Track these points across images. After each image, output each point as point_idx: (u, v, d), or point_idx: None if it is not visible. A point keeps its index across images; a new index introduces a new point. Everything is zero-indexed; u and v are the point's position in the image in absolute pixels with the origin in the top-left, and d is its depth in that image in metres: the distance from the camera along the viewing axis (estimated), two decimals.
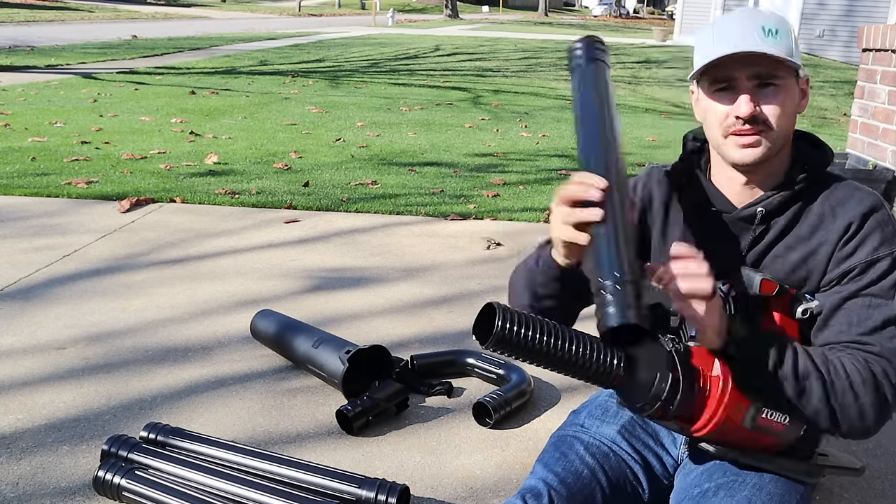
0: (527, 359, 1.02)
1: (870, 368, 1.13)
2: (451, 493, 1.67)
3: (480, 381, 2.17)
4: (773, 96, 1.15)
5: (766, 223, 1.23)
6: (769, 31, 1.14)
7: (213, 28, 20.98)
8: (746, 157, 1.17)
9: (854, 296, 1.17)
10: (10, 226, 3.45)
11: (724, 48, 1.13)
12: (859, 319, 1.16)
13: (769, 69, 1.14)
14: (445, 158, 5.30)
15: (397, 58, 13.12)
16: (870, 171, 3.42)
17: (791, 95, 1.18)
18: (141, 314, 2.55)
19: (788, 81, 1.17)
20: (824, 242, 1.19)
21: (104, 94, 7.68)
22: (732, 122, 1.17)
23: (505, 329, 0.99)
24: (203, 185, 4.27)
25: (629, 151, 5.84)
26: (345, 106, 7.64)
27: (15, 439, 1.81)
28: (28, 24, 19.68)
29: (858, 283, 1.17)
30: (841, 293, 1.18)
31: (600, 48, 1.16)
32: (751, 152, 1.17)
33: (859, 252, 1.17)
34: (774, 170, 1.22)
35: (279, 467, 1.59)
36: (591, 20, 39.07)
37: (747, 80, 1.15)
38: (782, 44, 1.14)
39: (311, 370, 2.12)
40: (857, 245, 1.17)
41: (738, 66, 1.14)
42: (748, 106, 1.14)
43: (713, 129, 1.21)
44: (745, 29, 1.14)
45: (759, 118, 1.15)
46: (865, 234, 1.18)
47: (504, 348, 1.00)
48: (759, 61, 1.13)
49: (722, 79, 1.17)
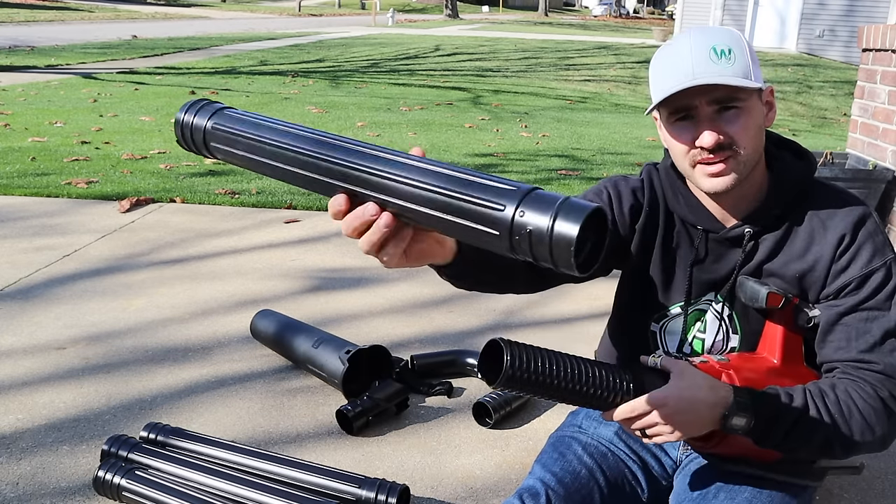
0: (536, 394, 1.00)
1: (878, 395, 1.11)
2: (451, 493, 1.67)
3: (480, 381, 2.17)
4: (735, 120, 1.11)
5: (754, 240, 1.20)
6: (721, 52, 1.09)
7: (213, 28, 20.98)
8: (717, 185, 1.13)
9: (851, 311, 1.15)
10: (10, 226, 3.45)
11: (676, 79, 1.09)
12: (858, 334, 1.14)
13: (728, 93, 1.09)
14: (445, 158, 5.30)
15: (397, 58, 13.12)
16: (870, 171, 3.42)
17: (754, 114, 1.13)
18: (141, 314, 2.55)
19: (750, 101, 1.12)
20: (820, 258, 1.16)
21: (104, 94, 7.67)
22: (697, 153, 1.12)
23: (514, 367, 0.97)
24: (203, 185, 4.27)
25: (629, 151, 5.84)
26: (345, 106, 7.64)
27: (15, 439, 1.81)
28: (28, 24, 19.68)
29: (855, 298, 1.15)
30: (838, 308, 1.16)
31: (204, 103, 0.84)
32: (721, 181, 1.13)
33: (854, 265, 1.15)
34: (754, 183, 1.18)
35: (279, 467, 1.59)
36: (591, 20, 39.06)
37: (707, 107, 1.10)
38: (737, 64, 1.09)
39: (311, 370, 2.12)
40: (852, 258, 1.15)
41: (695, 94, 1.10)
42: (711, 136, 1.10)
43: (679, 159, 1.17)
44: (695, 54, 1.09)
45: (724, 144, 1.11)
46: (859, 245, 1.15)
47: (514, 386, 0.98)
48: (717, 87, 1.08)
49: (680, 108, 1.12)
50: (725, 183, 1.12)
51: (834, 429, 1.09)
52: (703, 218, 1.21)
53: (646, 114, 1.20)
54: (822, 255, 1.16)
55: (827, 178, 3.37)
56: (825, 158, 3.76)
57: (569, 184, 4.68)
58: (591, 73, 11.67)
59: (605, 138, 6.43)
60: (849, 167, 3.67)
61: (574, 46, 15.93)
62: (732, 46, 1.09)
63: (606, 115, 7.98)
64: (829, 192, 1.20)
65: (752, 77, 1.09)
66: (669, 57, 1.13)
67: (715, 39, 1.10)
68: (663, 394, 1.04)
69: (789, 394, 1.10)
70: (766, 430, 1.08)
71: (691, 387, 1.05)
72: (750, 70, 1.10)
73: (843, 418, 1.10)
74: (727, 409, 1.05)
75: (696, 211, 1.22)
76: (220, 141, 0.78)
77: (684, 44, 1.11)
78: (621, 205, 1.26)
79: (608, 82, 10.79)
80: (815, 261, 1.16)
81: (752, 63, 1.11)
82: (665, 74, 1.12)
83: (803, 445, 1.11)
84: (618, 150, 5.88)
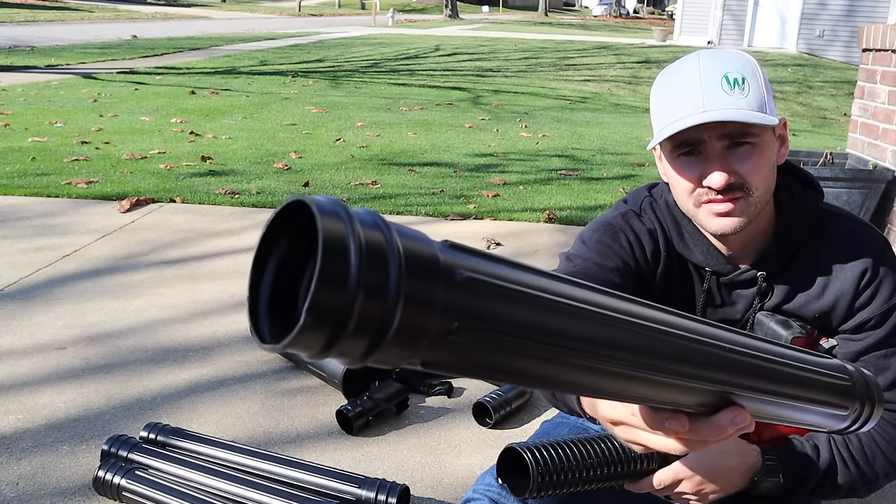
0: (569, 489, 0.95)
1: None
2: (451, 493, 1.67)
3: (480, 381, 2.17)
4: (747, 157, 0.99)
5: (767, 281, 1.13)
6: (735, 81, 0.97)
7: (213, 28, 20.98)
8: (725, 227, 1.02)
9: (871, 349, 1.10)
10: (10, 226, 3.45)
11: (684, 111, 0.97)
12: (876, 370, 1.10)
13: (741, 128, 0.98)
14: (445, 158, 5.30)
15: (397, 58, 13.12)
16: (870, 171, 3.42)
17: (768, 152, 1.01)
18: (141, 314, 2.55)
19: (764, 137, 1.00)
20: (841, 296, 1.09)
21: (104, 94, 7.67)
22: (704, 192, 1.01)
23: (541, 472, 0.91)
24: (203, 185, 4.27)
25: (629, 151, 5.84)
26: (345, 106, 7.64)
27: (15, 439, 1.81)
28: (28, 24, 19.68)
29: (875, 335, 1.09)
30: (856, 346, 1.11)
31: None
32: (729, 222, 1.02)
33: (875, 302, 1.08)
34: (762, 220, 1.08)
35: (279, 467, 1.59)
36: (591, 20, 39.06)
37: (717, 142, 0.99)
38: (752, 95, 0.97)
39: (311, 370, 2.12)
40: (873, 294, 1.08)
41: (704, 128, 0.98)
42: (721, 177, 0.98)
43: (682, 198, 1.05)
44: (705, 83, 0.98)
45: (734, 185, 1.00)
46: (880, 280, 1.08)
47: (545, 491, 0.93)
48: (729, 120, 0.96)
49: (687, 142, 1.00)
50: (734, 224, 1.02)
51: (860, 475, 1.08)
52: (711, 260, 1.12)
53: (647, 148, 1.08)
54: (843, 291, 1.09)
55: (827, 177, 3.37)
56: (825, 158, 3.76)
57: (569, 184, 4.68)
58: (591, 73, 11.67)
59: (605, 138, 6.43)
60: (849, 167, 3.67)
61: (574, 46, 15.93)
62: (746, 75, 0.98)
63: (606, 115, 7.98)
64: (842, 223, 1.12)
65: (768, 110, 0.98)
66: (676, 85, 1.01)
67: (727, 66, 0.99)
68: (692, 464, 0.98)
69: (815, 446, 1.08)
70: (795, 488, 1.07)
71: (721, 455, 1.01)
72: (765, 102, 0.99)
73: (867, 463, 1.08)
74: (757, 473, 1.03)
75: (706, 252, 1.12)
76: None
77: (692, 70, 1.00)
78: (644, 251, 1.14)
79: (608, 82, 10.79)
80: (837, 298, 1.09)
81: (767, 93, 1.00)
82: (671, 104, 1.01)
83: (829, 495, 1.10)
84: (618, 150, 5.88)
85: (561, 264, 1.14)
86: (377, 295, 0.32)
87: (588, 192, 4.48)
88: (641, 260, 1.12)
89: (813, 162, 3.74)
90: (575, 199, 4.28)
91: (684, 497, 1.01)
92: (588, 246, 1.12)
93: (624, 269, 1.10)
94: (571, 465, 0.93)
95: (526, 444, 0.95)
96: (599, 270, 1.08)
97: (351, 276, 0.31)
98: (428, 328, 0.34)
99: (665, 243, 1.14)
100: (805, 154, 3.80)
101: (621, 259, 1.10)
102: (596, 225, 1.16)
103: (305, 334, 0.31)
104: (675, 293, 1.16)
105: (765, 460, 1.03)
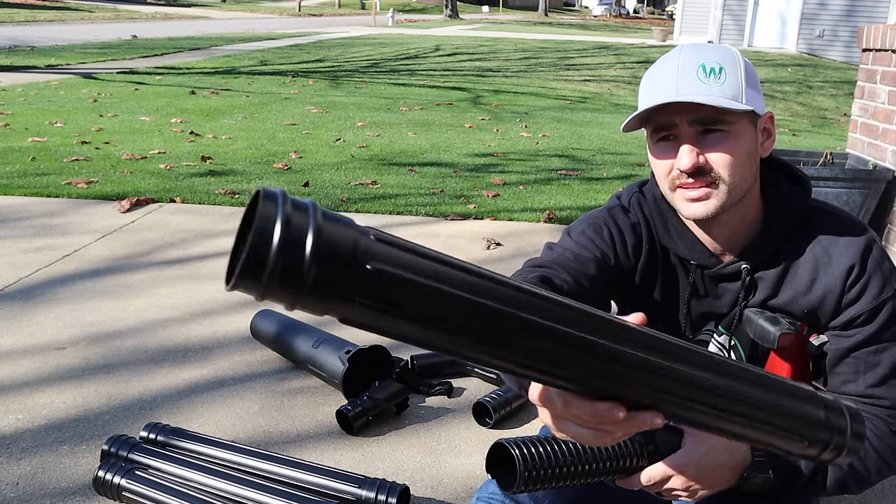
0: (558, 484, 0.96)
1: (891, 431, 1.10)
2: (451, 493, 1.67)
3: (480, 381, 2.17)
4: (719, 143, 1.03)
5: (751, 275, 1.14)
6: (711, 70, 1.01)
7: (213, 28, 20.98)
8: (696, 211, 1.06)
9: (861, 345, 1.11)
10: (10, 226, 3.45)
11: (659, 95, 1.02)
12: (867, 366, 1.11)
13: (712, 114, 1.01)
14: (445, 158, 5.30)
15: (397, 58, 13.12)
16: (870, 171, 3.42)
17: (742, 140, 1.04)
18: (141, 314, 2.55)
19: (738, 125, 1.03)
20: (829, 291, 1.10)
21: (104, 94, 7.67)
22: (677, 175, 1.05)
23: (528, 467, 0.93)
24: (203, 185, 4.27)
25: (629, 151, 5.84)
26: (345, 106, 7.64)
27: (15, 439, 1.81)
28: (28, 24, 19.68)
29: (865, 332, 1.10)
30: (847, 342, 1.11)
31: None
32: (700, 206, 1.05)
33: (864, 298, 1.09)
34: (748, 213, 1.11)
35: (279, 467, 1.59)
36: (591, 20, 39.06)
37: (688, 127, 1.03)
38: (727, 84, 1.01)
39: (311, 370, 2.12)
40: (862, 290, 1.09)
41: (676, 112, 1.02)
42: (689, 158, 1.02)
43: (661, 182, 1.10)
44: (682, 71, 1.02)
45: (704, 169, 1.03)
46: (868, 276, 1.09)
47: (533, 486, 0.94)
48: (701, 106, 1.00)
49: (662, 126, 1.05)
50: (706, 209, 1.05)
51: (851, 471, 1.09)
52: (696, 253, 1.15)
53: (621, 127, 1.12)
54: (830, 287, 1.10)
55: (827, 177, 3.37)
56: (825, 158, 3.76)
57: (569, 184, 4.68)
58: (591, 73, 11.67)
59: (605, 138, 6.43)
60: (849, 167, 3.67)
61: (574, 46, 15.93)
62: (725, 65, 1.02)
63: (606, 115, 7.98)
64: (829, 219, 1.13)
65: (743, 99, 1.02)
66: (656, 74, 1.07)
67: (706, 57, 1.03)
68: (681, 461, 0.99)
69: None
70: (785, 485, 1.07)
71: (710, 452, 1.01)
72: (741, 92, 1.02)
73: (859, 460, 1.08)
74: (746, 469, 1.04)
75: (690, 245, 1.15)
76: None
77: (673, 59, 1.05)
78: (625, 245, 1.18)
79: (608, 82, 10.79)
80: (824, 294, 1.11)
81: (747, 85, 1.03)
82: (649, 89, 1.06)
83: (821, 491, 1.10)
84: (618, 150, 5.88)
85: (542, 252, 1.18)
86: (294, 254, 0.40)
87: (588, 192, 4.48)
88: (622, 254, 1.17)
89: (813, 162, 3.74)
90: (575, 199, 4.28)
91: (674, 493, 1.02)
92: (572, 237, 1.18)
93: (602, 261, 1.14)
94: (559, 460, 0.95)
95: (515, 439, 0.96)
96: (575, 260, 1.11)
97: (276, 238, 0.40)
98: (335, 295, 0.42)
99: (649, 237, 1.18)
100: (805, 154, 3.80)
101: (601, 251, 1.15)
102: (583, 218, 1.21)
103: (242, 280, 0.40)
104: (656, 286, 1.19)
105: (754, 456, 1.04)
